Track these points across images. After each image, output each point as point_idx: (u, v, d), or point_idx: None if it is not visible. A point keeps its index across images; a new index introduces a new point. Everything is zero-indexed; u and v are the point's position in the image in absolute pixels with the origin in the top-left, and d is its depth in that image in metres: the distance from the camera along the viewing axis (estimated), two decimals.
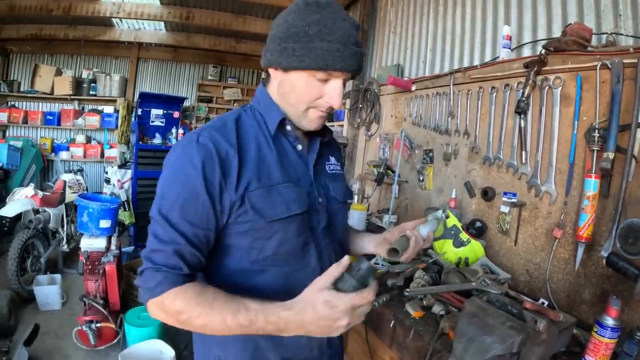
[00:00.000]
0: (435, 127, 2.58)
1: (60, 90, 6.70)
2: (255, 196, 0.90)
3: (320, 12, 0.90)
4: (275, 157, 0.97)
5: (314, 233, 1.02)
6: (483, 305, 1.26)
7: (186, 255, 0.86)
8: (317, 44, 0.88)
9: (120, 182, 5.29)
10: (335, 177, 1.14)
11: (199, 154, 0.86)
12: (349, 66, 0.91)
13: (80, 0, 5.54)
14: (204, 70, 7.89)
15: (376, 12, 3.96)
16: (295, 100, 0.96)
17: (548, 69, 1.71)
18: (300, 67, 0.90)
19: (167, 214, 0.86)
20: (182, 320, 0.84)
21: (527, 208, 1.85)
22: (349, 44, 0.90)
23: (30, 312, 3.58)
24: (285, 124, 1.01)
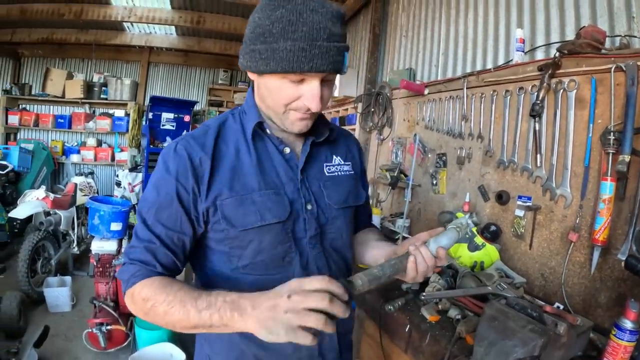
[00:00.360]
0: (448, 131, 2.61)
1: (72, 94, 6.84)
2: (226, 205, 0.92)
3: (285, 5, 0.82)
4: (255, 163, 0.96)
5: (299, 242, 0.98)
6: (503, 308, 1.28)
7: (159, 254, 0.90)
8: (280, 44, 0.81)
9: (131, 185, 5.40)
10: (335, 180, 1.08)
11: (174, 162, 0.92)
12: (318, 66, 0.82)
13: (91, 4, 5.69)
14: (214, 75, 7.99)
15: (387, 16, 4.00)
16: (272, 103, 0.93)
17: (562, 71, 1.73)
18: (267, 70, 0.85)
19: (145, 215, 0.93)
20: (147, 308, 0.85)
21: (542, 212, 1.87)
22: (318, 40, 0.81)
23: (40, 314, 3.65)
24: (264, 127, 0.99)
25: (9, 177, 5.22)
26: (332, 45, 0.83)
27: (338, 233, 1.06)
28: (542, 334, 1.12)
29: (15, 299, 3.23)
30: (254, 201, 0.93)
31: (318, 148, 1.07)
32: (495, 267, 1.90)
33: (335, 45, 0.83)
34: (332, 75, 0.90)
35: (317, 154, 1.06)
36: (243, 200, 0.93)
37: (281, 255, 0.96)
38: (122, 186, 5.42)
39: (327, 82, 0.90)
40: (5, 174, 5.11)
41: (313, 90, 0.86)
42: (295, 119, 0.93)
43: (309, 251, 0.99)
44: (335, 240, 1.05)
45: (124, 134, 7.15)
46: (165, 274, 0.91)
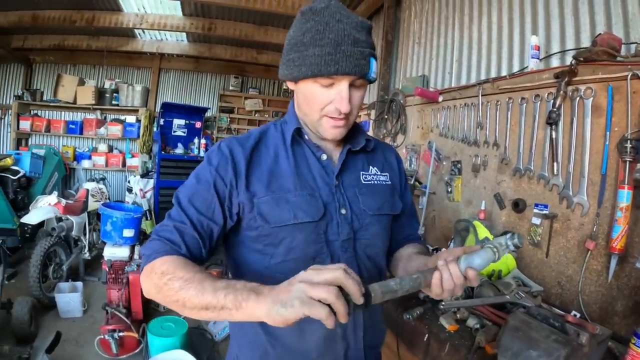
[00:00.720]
0: (463, 138, 2.65)
1: (83, 100, 6.98)
2: (262, 203, 0.99)
3: (314, 18, 0.94)
4: (292, 167, 1.03)
5: (331, 245, 1.02)
6: (526, 318, 1.32)
7: (187, 236, 0.95)
8: (310, 50, 0.92)
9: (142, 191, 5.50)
10: (371, 188, 1.12)
11: (216, 157, 1.02)
12: (343, 68, 0.91)
13: (103, 11, 5.83)
14: (225, 81, 8.09)
15: (400, 23, 4.07)
16: (308, 110, 1.01)
17: (578, 79, 1.78)
18: (300, 76, 0.95)
19: (180, 198, 1.01)
20: (162, 282, 0.85)
21: (558, 220, 1.90)
22: (342, 45, 0.91)
23: (51, 319, 3.70)
24: (302, 134, 1.07)
25: (21, 183, 5.29)
26: (357, 50, 0.92)
27: (371, 240, 1.08)
28: (566, 344, 1.16)
29: (26, 304, 3.29)
30: (288, 200, 0.99)
31: (355, 157, 1.12)
32: (512, 276, 1.92)
33: (359, 50, 0.92)
34: (361, 81, 0.97)
35: (353, 162, 1.12)
36: (278, 199, 0.99)
37: (312, 255, 1.00)
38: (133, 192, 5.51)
39: (357, 88, 0.98)
40: (17, 179, 5.18)
41: (342, 92, 0.94)
42: (328, 125, 1.00)
43: (341, 254, 1.02)
44: (368, 246, 1.08)
45: (135, 140, 7.26)
46: (188, 257, 0.93)
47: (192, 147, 6.02)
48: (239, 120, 8.02)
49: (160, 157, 5.53)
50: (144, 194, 5.50)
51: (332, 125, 1.00)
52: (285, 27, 6.02)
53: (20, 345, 3.14)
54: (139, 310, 3.36)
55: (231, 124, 7.92)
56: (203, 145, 5.99)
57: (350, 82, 0.95)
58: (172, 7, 5.61)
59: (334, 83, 0.95)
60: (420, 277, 0.84)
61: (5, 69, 7.34)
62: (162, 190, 5.54)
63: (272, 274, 1.00)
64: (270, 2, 4.87)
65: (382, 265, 1.15)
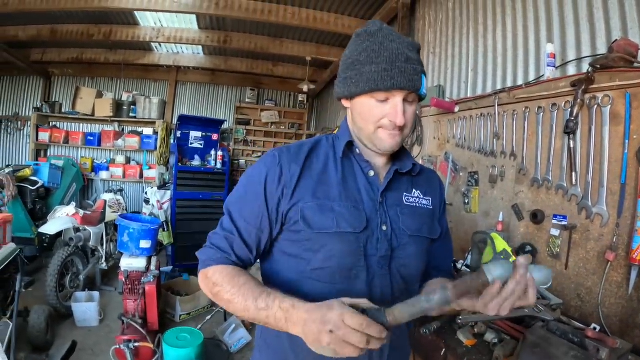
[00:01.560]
0: (480, 149, 2.65)
1: (101, 112, 7.18)
2: (307, 208, 1.04)
3: (369, 39, 1.04)
4: (340, 178, 1.09)
5: (368, 259, 1.05)
6: (545, 334, 1.33)
7: (235, 245, 1.06)
8: (367, 68, 1.01)
9: (159, 202, 5.60)
10: (413, 209, 1.15)
11: (266, 166, 1.08)
12: (398, 83, 0.99)
13: (120, 25, 6.01)
14: (241, 93, 8.23)
15: (414, 33, 4.11)
16: (363, 124, 1.07)
17: (596, 87, 1.78)
18: (357, 92, 1.03)
19: (231, 209, 1.10)
20: (215, 292, 1.01)
21: (578, 231, 1.89)
22: (397, 62, 0.99)
23: (67, 328, 3.79)
24: (354, 148, 1.14)
25: (39, 193, 5.47)
26: (410, 67, 1.01)
27: (408, 260, 1.11)
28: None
29: (43, 312, 3.38)
30: (333, 209, 1.04)
31: (400, 178, 1.17)
32: None
33: (413, 67, 1.01)
34: (413, 96, 1.04)
35: (399, 184, 1.16)
36: (323, 206, 1.04)
37: (349, 267, 1.04)
38: (150, 203, 5.63)
39: (409, 103, 1.05)
40: (35, 189, 5.36)
41: (397, 106, 1.02)
42: (384, 136, 1.06)
43: (377, 270, 1.06)
44: (403, 266, 1.10)
45: (152, 152, 7.44)
46: (238, 264, 1.06)
47: (209, 159, 6.11)
48: (256, 133, 8.12)
49: (178, 169, 5.63)
50: (161, 206, 5.60)
51: (388, 135, 1.05)
52: (300, 40, 6.13)
53: (36, 354, 3.23)
54: (154, 320, 3.41)
55: (247, 136, 8.03)
56: (220, 157, 6.07)
57: (404, 98, 1.02)
58: (188, 20, 5.74)
59: (388, 98, 1.02)
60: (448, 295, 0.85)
61: (25, 82, 7.63)
62: (180, 202, 5.64)
63: (306, 279, 1.05)
64: (285, 15, 4.95)
65: (414, 288, 1.15)
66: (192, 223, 5.73)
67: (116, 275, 4.91)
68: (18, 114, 7.55)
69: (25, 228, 4.97)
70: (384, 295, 1.05)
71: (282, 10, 4.94)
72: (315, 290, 1.03)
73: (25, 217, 5.02)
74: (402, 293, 1.08)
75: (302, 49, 6.19)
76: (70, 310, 3.87)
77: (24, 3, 4.79)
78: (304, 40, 6.16)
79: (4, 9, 4.84)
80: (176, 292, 4.41)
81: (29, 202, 5.25)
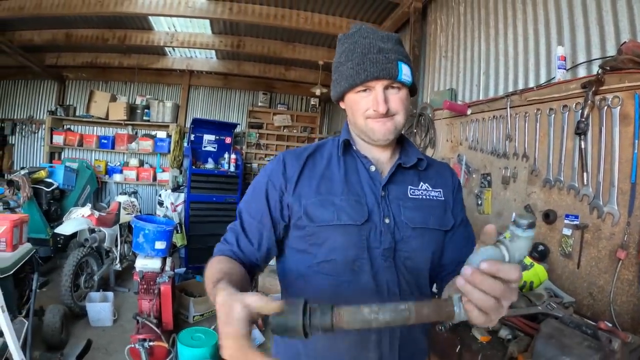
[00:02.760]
0: (492, 151, 2.71)
1: (115, 116, 7.34)
2: (310, 204, 1.10)
3: (347, 40, 1.13)
4: (342, 174, 1.15)
5: (371, 251, 1.07)
6: (559, 326, 1.40)
7: (240, 239, 1.12)
8: (344, 67, 1.10)
9: (173, 205, 5.72)
10: (418, 202, 1.15)
11: (271, 165, 1.19)
12: (371, 74, 1.05)
13: (135, 30, 6.17)
14: (254, 97, 8.35)
15: (426, 37, 4.20)
16: (354, 118, 1.14)
17: (605, 88, 1.84)
18: (341, 90, 1.12)
19: (241, 208, 1.18)
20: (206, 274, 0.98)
21: (589, 230, 1.94)
22: (369, 54, 1.06)
23: (81, 327, 3.88)
24: (351, 145, 1.19)
25: (54, 195, 5.60)
26: (382, 57, 1.06)
27: (411, 253, 1.11)
28: (598, 349, 1.22)
29: (58, 312, 3.47)
30: (334, 203, 1.09)
31: (405, 172, 1.19)
32: (544, 287, 1.96)
33: (385, 56, 1.06)
34: (397, 84, 1.08)
35: (403, 178, 1.18)
36: (324, 201, 1.10)
37: (352, 259, 1.07)
38: (164, 206, 5.75)
39: (393, 89, 1.09)
40: (50, 191, 5.48)
41: (377, 95, 1.07)
42: (374, 125, 1.10)
43: (381, 263, 1.08)
44: (408, 259, 1.10)
45: (166, 155, 7.57)
46: (240, 257, 1.09)
47: (222, 162, 6.22)
48: (268, 136, 8.23)
49: (192, 171, 5.75)
50: (175, 208, 5.72)
51: (377, 123, 1.10)
52: (312, 44, 6.24)
53: (50, 352, 3.31)
54: (169, 320, 3.49)
55: (260, 139, 8.14)
56: (233, 160, 6.17)
57: (385, 86, 1.07)
58: (202, 25, 5.86)
59: (368, 89, 1.09)
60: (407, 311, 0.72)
61: (39, 85, 7.83)
62: (193, 204, 5.76)
63: (314, 273, 1.11)
64: (297, 20, 5.06)
65: (423, 282, 1.15)
66: (205, 225, 5.82)
67: (129, 276, 5.05)
68: (32, 117, 7.75)
69: (40, 229, 5.09)
70: (390, 288, 1.08)
71: (295, 15, 5.05)
72: (322, 283, 1.08)
73: (40, 218, 5.15)
74: (410, 286, 1.11)
75: (314, 53, 6.30)
76: (84, 310, 3.95)
77: (39, 7, 4.94)
78: (316, 45, 6.26)
79: (20, 13, 5.00)
80: (189, 294, 4.50)
81: (44, 204, 5.38)
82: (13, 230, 3.01)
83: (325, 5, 4.87)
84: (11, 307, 2.88)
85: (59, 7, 4.93)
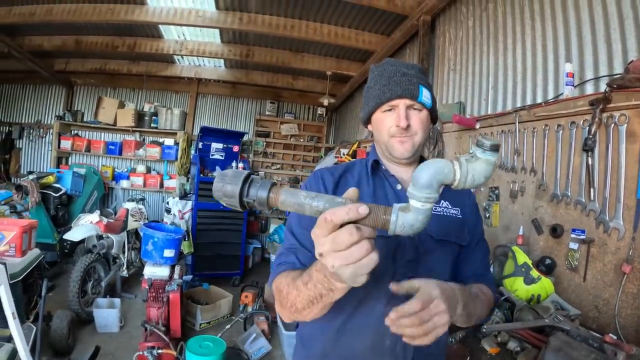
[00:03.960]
0: (501, 165, 2.77)
1: (123, 122, 7.44)
2: None
3: (377, 69, 1.30)
4: (371, 191, 1.26)
5: (396, 262, 1.16)
6: (567, 339, 1.47)
7: (299, 254, 1.16)
8: (372, 90, 1.26)
9: (181, 212, 5.81)
10: (439, 218, 1.24)
11: (311, 182, 1.29)
12: (395, 93, 1.20)
13: (144, 38, 6.28)
14: (261, 106, 8.45)
15: (434, 50, 4.27)
16: (379, 137, 1.28)
17: (612, 106, 1.91)
18: (370, 110, 1.28)
19: (291, 225, 1.24)
20: (278, 296, 1.04)
21: (595, 244, 2.00)
22: (394, 77, 1.21)
23: (87, 333, 3.94)
24: (380, 164, 1.32)
25: (62, 200, 5.68)
26: (405, 79, 1.21)
27: (434, 265, 1.20)
28: None
29: (65, 317, 3.54)
30: None
31: None
32: (551, 300, 2.02)
33: (408, 79, 1.21)
34: (418, 105, 1.22)
35: None
36: None
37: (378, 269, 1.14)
38: (172, 213, 5.83)
39: (415, 111, 1.23)
40: (58, 196, 5.57)
41: (399, 111, 1.21)
42: (396, 143, 1.24)
43: (404, 273, 1.14)
44: (432, 270, 1.16)
45: (173, 162, 7.67)
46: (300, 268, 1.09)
47: None
48: (275, 145, 8.30)
49: (199, 179, 5.84)
50: (182, 215, 5.80)
51: (398, 141, 1.24)
52: (320, 54, 6.34)
53: (57, 357, 3.37)
54: (177, 328, 3.55)
55: (267, 148, 8.22)
56: (241, 168, 6.25)
57: (407, 106, 1.21)
58: (212, 34, 5.96)
59: (393, 108, 1.23)
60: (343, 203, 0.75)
61: (48, 90, 7.96)
62: (200, 212, 5.84)
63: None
64: (307, 30, 5.16)
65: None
66: (212, 233, 5.92)
67: (136, 283, 5.13)
68: (40, 122, 7.87)
69: (47, 234, 5.17)
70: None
71: (304, 25, 5.15)
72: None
73: (47, 223, 5.23)
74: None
75: (322, 64, 6.39)
76: (91, 315, 4.02)
77: (50, 14, 5.07)
78: (324, 55, 6.36)
79: (31, 19, 5.14)
80: (196, 301, 4.57)
81: (52, 209, 5.47)
82: (22, 236, 3.07)
83: (334, 16, 4.96)
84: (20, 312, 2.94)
85: (69, 13, 5.05)
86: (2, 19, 5.19)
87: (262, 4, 4.84)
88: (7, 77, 7.70)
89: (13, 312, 2.45)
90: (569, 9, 2.44)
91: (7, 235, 3.02)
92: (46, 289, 2.95)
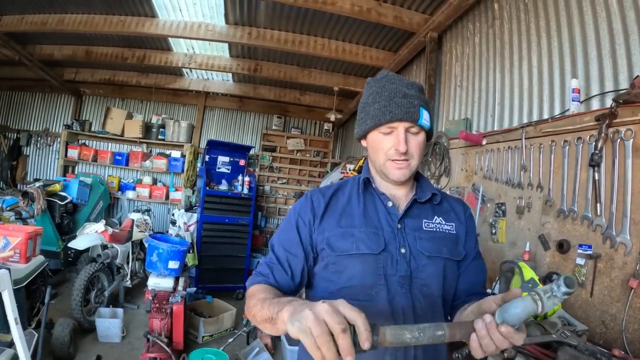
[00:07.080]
0: (507, 181, 2.78)
1: (130, 133, 7.55)
2: (332, 236, 1.23)
3: (375, 84, 1.27)
4: (361, 209, 1.28)
5: (388, 278, 1.18)
6: (575, 354, 1.49)
7: (275, 270, 1.22)
8: (371, 107, 1.23)
9: (186, 224, 5.84)
10: (432, 234, 1.27)
11: (300, 203, 1.33)
12: (396, 116, 1.18)
13: (154, 50, 6.41)
14: (268, 120, 8.55)
15: (441, 66, 4.32)
16: (375, 157, 1.27)
17: (618, 121, 1.93)
18: (366, 128, 1.25)
19: (274, 243, 1.30)
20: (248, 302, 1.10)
21: (602, 259, 2.00)
22: (395, 98, 1.19)
23: (89, 342, 3.95)
24: (371, 182, 1.32)
25: (67, 208, 5.75)
26: (407, 101, 1.19)
27: (427, 280, 1.21)
28: None
29: (67, 325, 3.56)
30: (353, 234, 1.22)
31: (421, 207, 1.32)
32: (558, 315, 2.01)
33: (409, 101, 1.20)
34: (416, 128, 1.21)
35: (418, 212, 1.30)
36: (345, 233, 1.23)
37: (370, 285, 1.18)
38: (177, 225, 5.86)
39: (413, 134, 1.22)
40: (64, 204, 5.64)
41: (399, 135, 1.20)
42: (392, 167, 1.24)
43: (397, 289, 1.18)
44: (424, 286, 1.21)
45: (179, 174, 7.78)
46: (275, 285, 1.18)
47: (235, 184, 6.33)
48: (281, 159, 8.37)
49: (205, 192, 5.89)
50: (187, 228, 5.83)
51: (395, 167, 1.23)
52: (328, 70, 6.42)
53: None
54: (180, 340, 3.54)
55: (273, 162, 8.29)
56: (247, 182, 6.28)
57: (406, 129, 1.20)
58: (220, 48, 6.07)
59: (392, 130, 1.21)
60: (444, 334, 0.83)
61: (56, 99, 8.12)
62: (206, 225, 5.89)
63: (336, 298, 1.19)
64: (315, 46, 5.25)
65: (437, 306, 1.24)
66: (217, 246, 5.95)
67: (139, 293, 5.13)
68: (48, 130, 7.99)
69: (51, 241, 5.21)
70: (406, 313, 1.17)
71: (312, 41, 5.25)
72: None
73: (52, 230, 5.28)
74: (425, 312, 1.19)
75: (329, 79, 6.48)
76: (93, 324, 4.03)
77: (62, 24, 5.20)
78: (331, 71, 6.44)
79: (43, 28, 5.27)
80: (199, 314, 4.57)
81: (57, 217, 5.52)
82: (27, 243, 3.10)
83: (342, 32, 5.04)
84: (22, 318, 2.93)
85: (81, 24, 5.18)
86: (14, 27, 5.34)
87: (270, 19, 4.94)
88: (17, 85, 7.87)
89: (16, 317, 2.46)
90: (574, 26, 2.48)
91: (12, 241, 3.05)
92: (49, 296, 2.97)
